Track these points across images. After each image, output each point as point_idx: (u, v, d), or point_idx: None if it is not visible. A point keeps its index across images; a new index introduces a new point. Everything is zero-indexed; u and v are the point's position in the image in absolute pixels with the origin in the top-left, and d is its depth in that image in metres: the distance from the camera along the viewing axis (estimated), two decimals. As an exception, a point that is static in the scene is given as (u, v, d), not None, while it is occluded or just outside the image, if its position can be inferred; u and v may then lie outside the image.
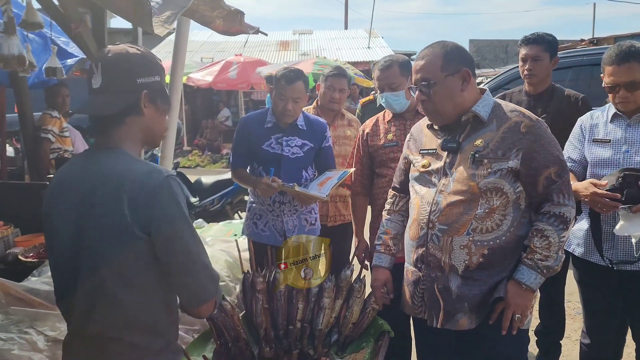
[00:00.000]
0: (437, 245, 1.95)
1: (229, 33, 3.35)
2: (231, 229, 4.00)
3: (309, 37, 21.27)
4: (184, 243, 1.41)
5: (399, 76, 2.75)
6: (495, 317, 1.92)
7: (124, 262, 1.41)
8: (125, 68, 1.47)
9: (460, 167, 1.92)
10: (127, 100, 1.46)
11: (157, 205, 1.38)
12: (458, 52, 1.94)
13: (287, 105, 2.88)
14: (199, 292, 1.46)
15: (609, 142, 2.40)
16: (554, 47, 3.05)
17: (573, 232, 2.56)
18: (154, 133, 1.57)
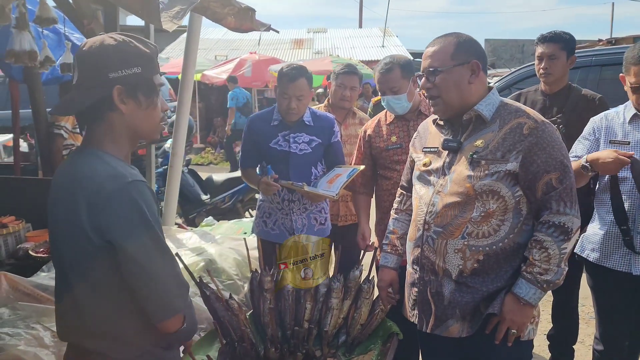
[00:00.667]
0: (432, 247, 1.89)
1: (240, 30, 3.34)
2: (241, 227, 3.98)
3: (323, 36, 21.24)
4: (144, 256, 1.31)
5: (400, 79, 2.70)
6: (491, 328, 1.85)
7: (87, 268, 1.34)
8: (96, 62, 1.36)
9: (458, 168, 1.86)
10: (96, 97, 1.36)
11: (113, 212, 1.29)
12: (471, 44, 1.88)
13: (291, 103, 2.85)
14: (161, 307, 1.37)
15: (629, 144, 2.32)
16: (571, 45, 2.97)
17: (587, 237, 2.49)
18: (139, 129, 1.45)
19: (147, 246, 1.33)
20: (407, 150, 2.70)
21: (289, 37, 19.86)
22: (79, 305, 1.38)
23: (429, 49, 1.91)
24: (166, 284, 1.37)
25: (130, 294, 1.36)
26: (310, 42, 19.86)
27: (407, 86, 2.70)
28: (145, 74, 1.42)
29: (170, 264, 1.39)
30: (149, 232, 1.33)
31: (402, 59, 2.76)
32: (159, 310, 1.37)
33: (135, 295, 1.36)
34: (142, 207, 1.32)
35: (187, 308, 1.43)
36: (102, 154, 1.39)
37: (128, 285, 1.35)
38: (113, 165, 1.36)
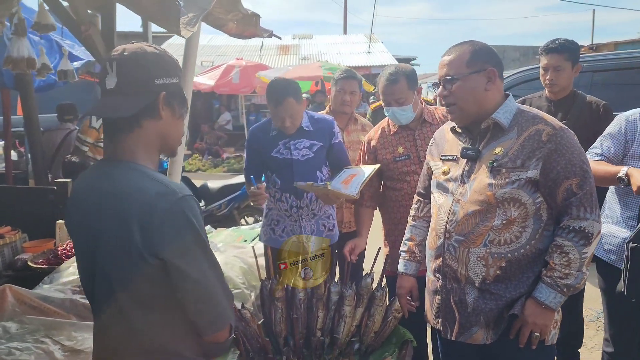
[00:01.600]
0: (454, 256, 1.89)
1: (242, 36, 3.32)
2: (241, 234, 3.95)
3: (309, 42, 21.29)
4: (198, 271, 1.32)
5: (406, 90, 2.66)
6: (514, 333, 1.85)
7: (138, 285, 1.32)
8: (142, 67, 1.36)
9: (478, 176, 1.85)
10: (144, 102, 1.35)
11: (167, 231, 1.28)
12: (487, 51, 1.88)
13: (285, 122, 2.83)
14: (215, 319, 1.38)
15: None
16: (576, 54, 2.99)
17: (605, 239, 2.49)
18: (170, 139, 1.45)
19: (200, 262, 1.32)
20: (415, 161, 2.70)
21: (275, 43, 19.84)
22: (128, 322, 1.35)
23: (445, 58, 1.91)
24: (218, 296, 1.37)
25: (179, 308, 1.35)
26: (296, 48, 19.88)
27: (412, 97, 2.68)
28: (181, 85, 1.45)
29: (219, 275, 1.40)
30: (201, 247, 1.33)
31: (407, 69, 2.74)
32: (213, 323, 1.38)
33: (188, 310, 1.35)
34: (193, 223, 1.31)
35: (233, 318, 1.44)
36: (140, 167, 1.37)
37: (180, 300, 1.33)
38: (159, 180, 1.34)
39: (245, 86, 12.34)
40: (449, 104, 1.90)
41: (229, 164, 12.46)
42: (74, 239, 1.49)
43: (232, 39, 19.37)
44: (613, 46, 14.15)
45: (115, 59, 1.36)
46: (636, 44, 13.86)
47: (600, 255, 2.50)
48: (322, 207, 3.02)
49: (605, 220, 2.49)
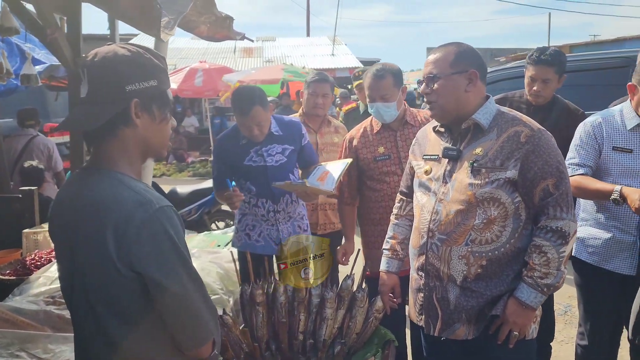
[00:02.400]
0: (436, 254, 1.93)
1: (213, 39, 3.29)
2: (214, 239, 3.91)
3: (273, 44, 21.24)
4: (178, 284, 1.27)
5: (391, 87, 2.70)
6: (494, 329, 1.90)
7: (116, 298, 1.28)
8: (112, 74, 1.28)
9: (459, 176, 1.90)
10: (113, 111, 1.28)
11: (145, 244, 1.23)
12: (471, 54, 1.93)
13: (253, 131, 2.81)
14: (196, 334, 1.32)
15: (631, 151, 2.37)
16: (564, 66, 2.96)
17: (586, 240, 2.54)
18: (152, 145, 1.39)
19: (179, 275, 1.27)
20: (395, 161, 2.73)
21: (238, 46, 19.69)
22: (108, 335, 1.30)
23: (431, 57, 1.95)
24: (199, 310, 1.32)
25: (161, 323, 1.30)
26: (259, 50, 19.81)
27: (397, 95, 2.72)
28: (160, 87, 1.36)
29: (201, 289, 1.34)
30: (180, 260, 1.28)
31: (394, 68, 2.77)
32: (194, 338, 1.32)
33: (168, 324, 1.30)
34: (172, 235, 1.26)
35: (217, 331, 1.38)
36: (120, 176, 1.31)
37: (161, 314, 1.29)
38: (137, 189, 1.29)
39: (209, 89, 12.18)
40: (430, 101, 1.94)
41: (194, 168, 12.29)
42: (55, 247, 1.45)
43: (194, 42, 18.98)
44: (568, 48, 14.68)
45: (86, 66, 1.31)
46: (590, 46, 14.42)
47: (584, 258, 2.54)
48: (296, 209, 3.02)
49: (583, 223, 2.56)
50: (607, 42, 13.76)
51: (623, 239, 2.41)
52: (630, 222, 2.39)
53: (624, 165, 2.38)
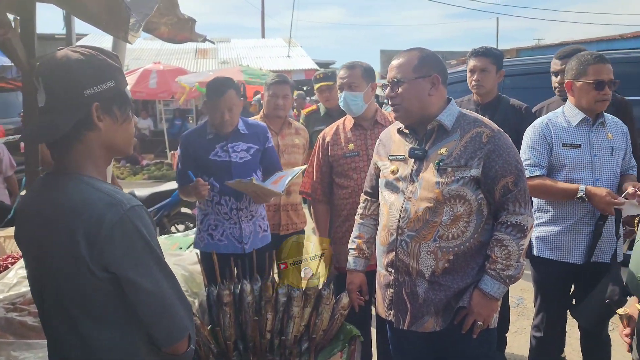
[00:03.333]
0: (406, 250, 2.00)
1: (174, 41, 3.26)
2: (175, 242, 3.86)
3: (228, 46, 21.08)
4: (152, 282, 1.28)
5: (360, 77, 2.79)
6: (459, 320, 2.00)
7: (91, 301, 1.28)
8: (68, 80, 1.27)
9: (426, 175, 1.98)
10: (75, 118, 1.27)
11: (118, 244, 1.23)
12: (433, 59, 2.03)
13: (224, 115, 2.86)
14: (172, 330, 1.34)
15: (579, 146, 2.56)
16: (500, 60, 3.21)
17: (543, 238, 2.67)
18: (118, 144, 1.38)
19: (153, 272, 1.29)
20: (364, 158, 2.79)
21: (192, 47, 19.47)
22: (83, 338, 1.30)
23: (395, 62, 2.04)
24: (174, 307, 1.33)
25: (136, 321, 1.31)
26: (214, 51, 19.61)
27: (364, 87, 2.79)
28: (119, 87, 1.36)
29: (175, 285, 1.36)
30: (154, 258, 1.30)
31: (366, 64, 2.89)
32: (170, 334, 1.34)
33: (144, 322, 1.31)
34: (144, 233, 1.27)
35: (192, 327, 1.40)
36: (87, 179, 1.31)
37: (136, 313, 1.30)
38: (106, 191, 1.29)
39: (164, 91, 12.00)
40: (395, 104, 2.03)
41: (149, 171, 12.04)
42: (23, 253, 1.43)
43: (146, 42, 18.59)
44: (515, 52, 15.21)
45: (41, 74, 1.29)
46: (536, 49, 15.01)
47: (547, 256, 2.66)
48: (258, 209, 3.05)
49: (540, 222, 2.70)
50: (552, 46, 14.35)
51: (581, 229, 2.57)
52: (585, 211, 2.56)
53: (574, 160, 2.57)
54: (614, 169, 2.58)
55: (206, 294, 2.50)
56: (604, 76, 2.52)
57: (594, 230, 2.54)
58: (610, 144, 2.58)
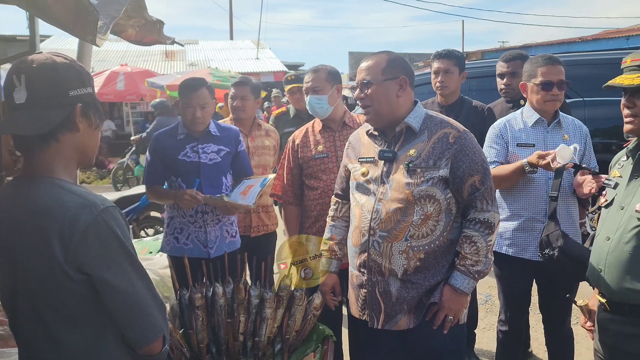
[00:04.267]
0: (378, 251, 2.04)
1: (141, 43, 3.24)
2: (145, 246, 3.84)
3: (195, 47, 20.89)
4: (126, 282, 1.29)
5: (324, 81, 2.83)
6: (431, 316, 2.04)
7: (65, 303, 1.28)
8: (54, 80, 1.30)
9: (396, 176, 2.02)
10: (61, 116, 1.30)
11: (92, 245, 1.25)
12: (401, 62, 2.08)
13: (196, 112, 2.87)
14: (147, 331, 1.35)
15: (534, 145, 2.67)
16: (462, 62, 3.32)
17: (501, 234, 2.75)
18: (88, 150, 1.42)
19: (127, 273, 1.30)
20: (333, 160, 2.82)
21: (159, 49, 19.21)
22: (57, 341, 1.30)
23: (363, 64, 2.08)
24: (149, 307, 1.34)
25: (109, 323, 1.32)
26: (182, 53, 19.41)
27: (329, 90, 2.83)
28: (94, 94, 1.42)
29: (149, 286, 1.37)
30: (128, 258, 1.31)
31: (331, 67, 2.92)
32: (145, 335, 1.34)
33: (118, 323, 1.32)
34: (118, 234, 1.29)
35: (166, 327, 1.41)
36: (59, 181, 1.32)
37: (110, 314, 1.31)
38: (79, 192, 1.30)
39: (132, 93, 11.81)
40: (365, 106, 2.07)
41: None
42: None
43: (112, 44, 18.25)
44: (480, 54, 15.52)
45: (23, 72, 1.30)
46: (500, 52, 15.33)
47: (504, 251, 2.74)
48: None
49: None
50: (515, 48, 14.69)
51: (534, 226, 2.65)
52: (539, 209, 2.65)
53: None
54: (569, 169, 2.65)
55: (177, 298, 2.48)
56: (552, 77, 2.63)
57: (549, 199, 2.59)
58: (566, 144, 2.66)
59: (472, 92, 5.70)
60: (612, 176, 1.92)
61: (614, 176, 1.90)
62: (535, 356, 3.44)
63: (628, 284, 1.73)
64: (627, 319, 1.77)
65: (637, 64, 1.76)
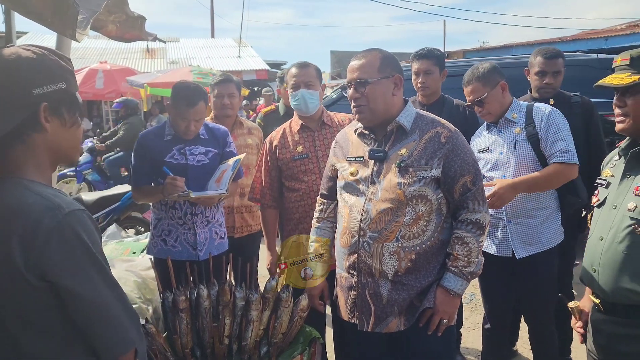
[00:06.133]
0: (368, 252, 2.00)
1: (123, 39, 3.17)
2: (128, 247, 3.76)
3: (176, 45, 20.67)
4: (93, 291, 1.21)
5: (314, 76, 2.81)
6: (424, 321, 2.01)
7: (28, 312, 1.20)
8: (16, 78, 1.22)
9: (387, 176, 1.99)
10: (20, 117, 1.22)
11: (55, 250, 1.16)
12: (393, 59, 2.04)
13: (190, 126, 2.80)
14: (116, 343, 1.26)
15: (488, 149, 2.75)
16: (442, 61, 3.30)
17: None
18: (64, 149, 1.33)
19: (94, 281, 1.22)
20: (313, 160, 2.77)
21: (140, 46, 18.94)
22: (21, 352, 1.22)
23: (356, 62, 2.02)
24: (118, 318, 1.26)
25: (77, 332, 1.24)
26: (163, 51, 19.18)
27: (319, 86, 2.81)
28: (69, 90, 1.32)
29: (119, 296, 1.29)
30: (95, 265, 1.23)
31: (314, 65, 2.89)
32: (112, 346, 1.26)
33: (86, 334, 1.24)
34: (84, 239, 1.20)
35: (140, 340, 1.33)
36: (27, 182, 1.24)
37: (77, 324, 1.23)
38: (45, 194, 1.21)
39: (111, 91, 11.61)
40: (359, 105, 2.02)
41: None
42: None
43: (91, 41, 17.94)
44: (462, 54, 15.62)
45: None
46: (481, 51, 15.46)
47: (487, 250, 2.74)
48: (215, 215, 2.98)
49: None
50: (496, 48, 14.82)
51: (496, 222, 2.69)
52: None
53: (486, 162, 2.75)
54: (520, 162, 2.66)
55: (161, 300, 2.42)
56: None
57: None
58: (515, 138, 2.69)
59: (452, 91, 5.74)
60: (605, 175, 1.91)
61: (606, 175, 1.90)
62: (520, 355, 3.45)
63: (622, 284, 1.72)
64: (621, 319, 1.76)
65: (626, 63, 1.75)
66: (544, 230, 2.66)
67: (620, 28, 11.77)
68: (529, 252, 2.64)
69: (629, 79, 1.71)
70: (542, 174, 2.58)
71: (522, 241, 2.65)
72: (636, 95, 1.72)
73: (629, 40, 9.17)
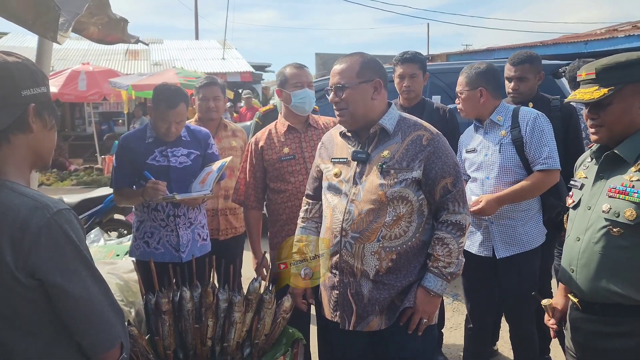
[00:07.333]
0: (350, 252, 2.03)
1: (104, 42, 3.16)
2: (111, 249, 3.74)
3: (160, 47, 20.51)
4: (81, 287, 1.25)
5: (312, 78, 2.87)
6: (405, 320, 2.04)
7: (17, 310, 1.24)
8: (5, 79, 1.27)
9: (369, 177, 2.02)
10: (12, 116, 1.27)
11: (44, 249, 1.20)
12: (374, 64, 2.07)
13: (170, 128, 2.80)
14: (103, 339, 1.30)
15: (474, 150, 2.80)
16: (425, 64, 3.35)
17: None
18: (43, 152, 1.38)
19: (82, 278, 1.25)
20: (300, 161, 2.79)
21: (122, 48, 18.76)
22: (8, 351, 1.24)
23: (337, 67, 2.06)
24: (104, 314, 1.30)
25: (64, 330, 1.27)
26: (146, 53, 19.02)
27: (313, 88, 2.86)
28: (48, 94, 1.38)
29: (106, 292, 1.32)
30: (83, 262, 1.26)
31: None
32: (100, 342, 1.30)
33: (73, 330, 1.27)
34: (72, 237, 1.24)
35: (125, 335, 1.36)
36: (10, 184, 1.27)
37: (63, 320, 1.26)
38: (31, 195, 1.25)
39: (94, 93, 11.50)
40: (340, 109, 2.05)
41: (78, 176, 11.51)
42: None
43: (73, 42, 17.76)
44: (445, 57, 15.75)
45: None
46: (464, 55, 15.61)
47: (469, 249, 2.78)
48: (197, 216, 2.99)
49: None
50: (479, 51, 14.96)
51: (478, 223, 2.75)
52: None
53: (471, 162, 2.82)
54: (504, 165, 2.70)
55: (143, 303, 2.42)
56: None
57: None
58: (500, 140, 2.73)
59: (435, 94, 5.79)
60: (578, 177, 1.96)
61: (580, 177, 1.94)
62: (501, 354, 3.49)
63: (600, 283, 1.77)
64: (599, 317, 1.80)
65: (592, 77, 1.78)
66: (526, 231, 2.71)
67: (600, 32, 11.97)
68: (510, 253, 2.69)
69: (599, 93, 1.73)
70: (526, 185, 2.63)
71: (504, 241, 2.70)
72: (607, 106, 1.75)
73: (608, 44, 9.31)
